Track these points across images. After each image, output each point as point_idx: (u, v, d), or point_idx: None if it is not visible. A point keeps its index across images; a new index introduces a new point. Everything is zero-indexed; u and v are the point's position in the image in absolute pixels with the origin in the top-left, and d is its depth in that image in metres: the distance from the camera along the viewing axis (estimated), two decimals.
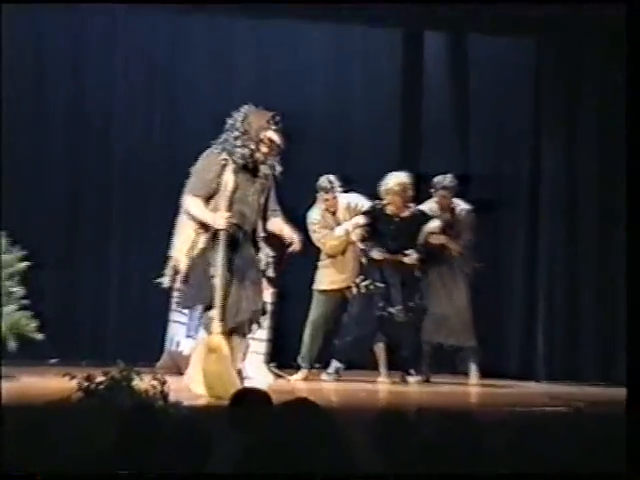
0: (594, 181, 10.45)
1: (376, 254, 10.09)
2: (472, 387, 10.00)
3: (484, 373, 10.57)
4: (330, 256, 10.32)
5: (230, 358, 8.17)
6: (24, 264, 9.18)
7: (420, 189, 10.31)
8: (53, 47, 11.10)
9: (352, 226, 10.19)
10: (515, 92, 11.07)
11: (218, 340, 8.16)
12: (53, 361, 10.32)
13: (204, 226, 8.20)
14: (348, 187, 10.32)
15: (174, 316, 10.36)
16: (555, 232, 10.65)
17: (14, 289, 9.12)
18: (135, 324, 10.99)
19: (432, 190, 10.28)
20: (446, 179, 10.27)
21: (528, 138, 10.96)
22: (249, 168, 8.26)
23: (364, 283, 10.06)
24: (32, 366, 9.55)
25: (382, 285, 10.02)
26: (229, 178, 8.19)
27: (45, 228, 10.79)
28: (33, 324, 9.07)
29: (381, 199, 10.12)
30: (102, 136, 11.18)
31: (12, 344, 8.98)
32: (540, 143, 10.84)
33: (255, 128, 8.21)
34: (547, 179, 10.77)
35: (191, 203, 8.22)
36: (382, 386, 9.91)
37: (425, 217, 10.20)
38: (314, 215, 10.27)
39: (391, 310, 9.98)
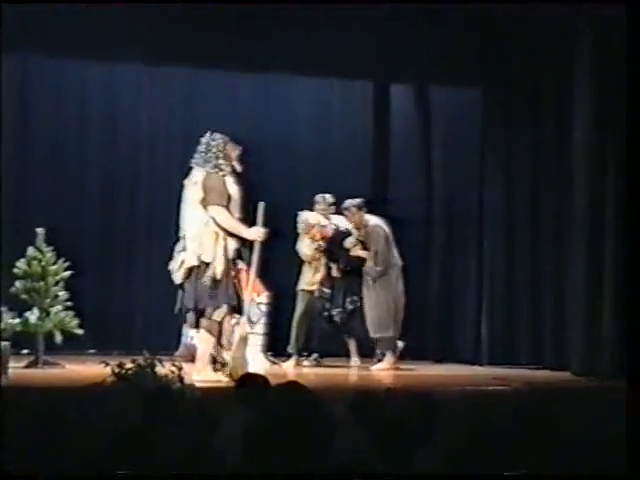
0: (526, 202, 10.44)
1: (334, 272, 10.12)
2: (426, 371, 9.93)
3: (438, 359, 10.57)
4: (308, 261, 10.28)
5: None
6: (68, 273, 9.16)
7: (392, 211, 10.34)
8: (89, 95, 11.11)
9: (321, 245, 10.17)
10: (464, 133, 11.07)
11: (245, 331, 8.12)
12: (91, 351, 10.29)
13: (230, 234, 7.98)
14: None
15: None
16: (496, 244, 10.64)
17: (60, 293, 9.10)
18: (157, 321, 10.96)
19: (344, 211, 10.02)
20: (354, 201, 10.00)
21: (474, 170, 10.95)
22: (235, 179, 8.15)
23: (318, 288, 10.08)
24: (74, 356, 9.52)
25: (328, 291, 10.04)
26: (233, 189, 8.08)
27: (84, 244, 10.76)
28: (75, 322, 9.06)
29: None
30: (130, 171, 11.21)
31: (58, 338, 8.97)
32: (483, 174, 10.84)
33: (231, 156, 8.15)
34: (488, 201, 10.77)
35: (221, 213, 7.93)
36: (349, 370, 9.86)
37: (344, 234, 10.11)
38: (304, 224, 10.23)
39: (332, 312, 10.01)
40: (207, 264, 7.91)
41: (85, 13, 8.88)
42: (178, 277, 8.04)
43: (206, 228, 7.95)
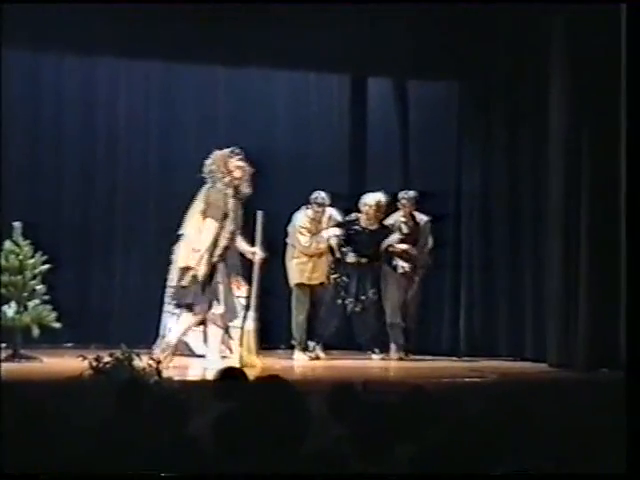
0: (504, 195, 10.47)
1: (350, 258, 10.08)
2: (409, 362, 9.96)
3: (418, 351, 10.60)
4: (308, 255, 10.19)
5: None
6: (45, 266, 9.14)
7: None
8: (66, 89, 11.06)
9: (330, 234, 10.15)
10: (442, 125, 11.09)
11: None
12: (69, 345, 10.26)
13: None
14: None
15: (167, 307, 10.32)
16: (473, 235, 10.68)
17: (37, 287, 9.08)
18: (135, 314, 10.95)
19: (397, 202, 10.20)
20: (409, 193, 10.22)
21: (451, 163, 10.98)
22: (235, 193, 8.78)
23: (333, 276, 10.09)
24: (52, 349, 9.51)
25: (347, 280, 10.06)
26: (231, 202, 8.77)
27: (61, 238, 10.73)
28: (53, 315, 9.04)
29: (359, 212, 10.14)
30: (107, 165, 11.18)
31: (36, 331, 8.95)
32: (460, 166, 10.88)
33: (222, 163, 8.80)
34: (466, 194, 10.80)
35: (215, 228, 8.70)
36: (347, 362, 9.88)
37: (387, 231, 10.19)
38: (303, 221, 10.10)
39: (346, 302, 10.02)
40: (190, 267, 8.68)
41: (63, 7, 8.85)
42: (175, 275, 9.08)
43: (198, 234, 8.70)
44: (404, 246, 10.16)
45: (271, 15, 9.28)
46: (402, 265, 10.11)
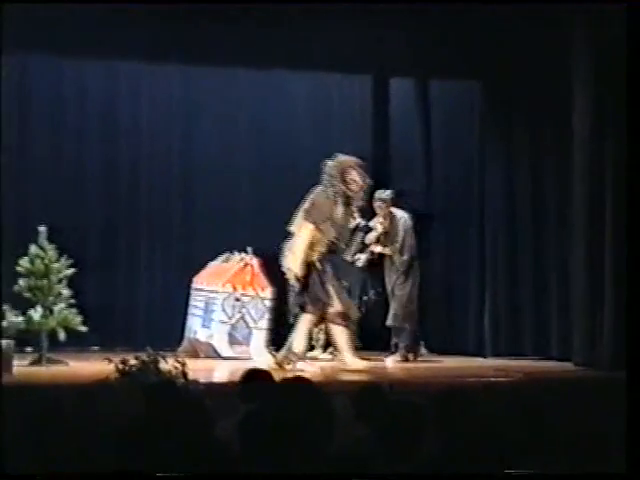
0: (528, 196, 10.47)
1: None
2: (429, 363, 9.96)
3: (443, 351, 10.57)
4: None
5: None
6: (71, 270, 9.20)
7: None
8: (89, 93, 11.11)
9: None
10: (465, 126, 11.10)
11: None
12: (95, 348, 10.32)
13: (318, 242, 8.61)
14: None
15: (192, 310, 10.38)
16: (498, 236, 10.68)
17: (63, 291, 9.14)
18: (160, 317, 11.01)
19: (373, 201, 10.09)
20: (384, 193, 10.18)
21: (475, 162, 10.99)
22: (346, 202, 8.69)
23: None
24: (78, 353, 9.57)
25: (346, 284, 10.06)
26: (339, 210, 8.66)
27: (86, 241, 10.80)
28: (78, 319, 9.10)
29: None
30: (131, 168, 11.23)
31: (62, 335, 9.01)
32: (484, 166, 10.88)
33: (341, 171, 8.67)
34: (490, 194, 10.80)
35: (303, 233, 8.57)
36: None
37: (367, 228, 10.19)
38: None
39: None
40: (290, 268, 8.62)
41: (83, 11, 8.91)
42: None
43: (297, 236, 8.64)
44: (378, 248, 10.13)
45: (292, 15, 9.31)
46: (361, 259, 10.12)
